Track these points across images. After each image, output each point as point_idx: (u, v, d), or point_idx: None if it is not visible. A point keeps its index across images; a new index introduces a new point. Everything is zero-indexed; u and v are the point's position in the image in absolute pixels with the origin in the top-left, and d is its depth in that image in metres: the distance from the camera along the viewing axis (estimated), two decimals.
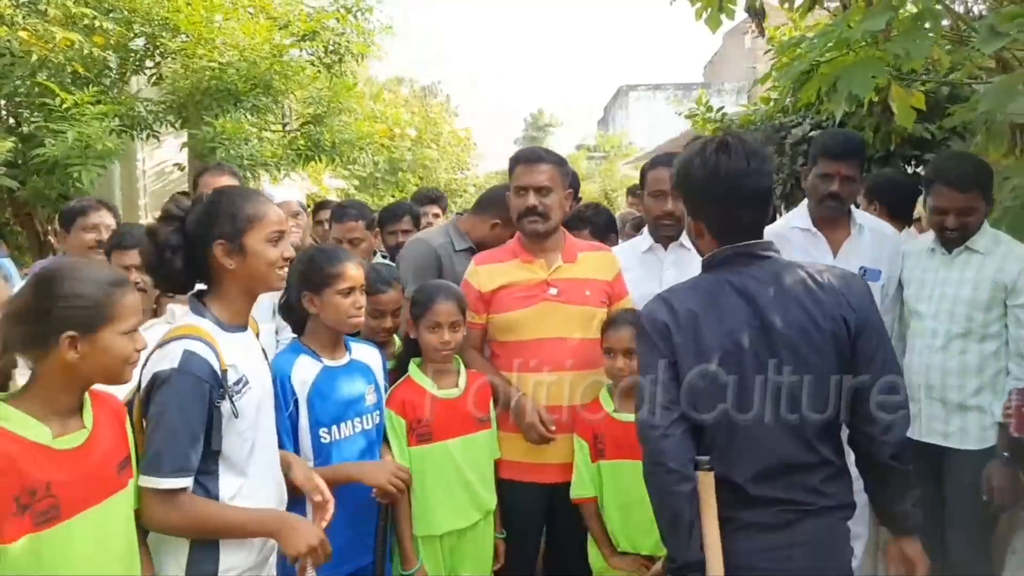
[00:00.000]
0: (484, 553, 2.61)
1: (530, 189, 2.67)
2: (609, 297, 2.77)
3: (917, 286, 2.93)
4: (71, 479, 1.52)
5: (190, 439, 1.73)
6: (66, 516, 1.50)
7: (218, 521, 1.81)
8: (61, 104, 4.39)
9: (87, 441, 1.58)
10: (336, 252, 2.43)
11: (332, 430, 2.27)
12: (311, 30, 5.55)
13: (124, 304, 1.62)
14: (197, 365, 1.74)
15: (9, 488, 1.42)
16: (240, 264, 1.88)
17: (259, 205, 1.92)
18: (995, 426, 2.72)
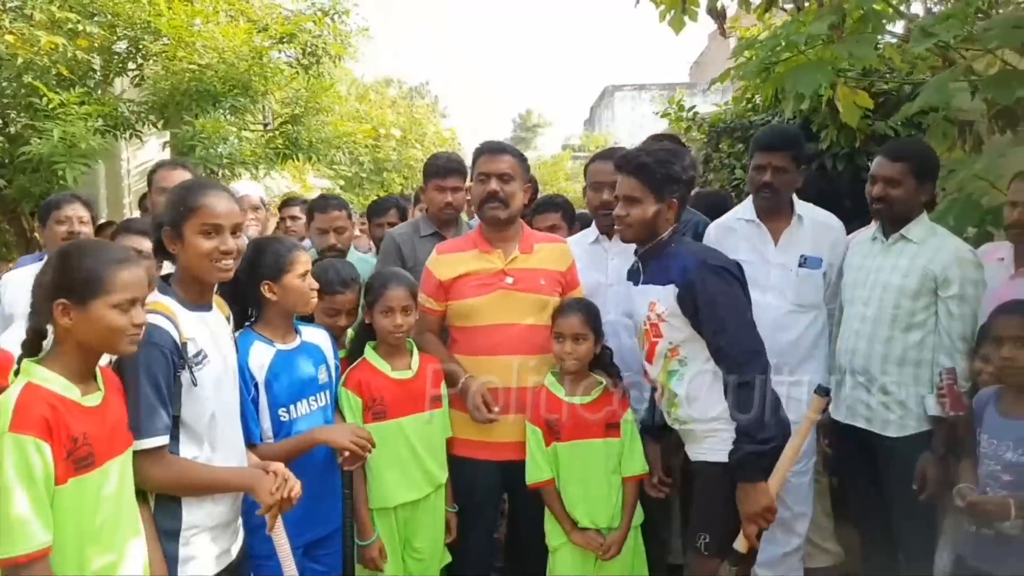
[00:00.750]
0: (436, 525, 2.77)
1: (492, 176, 2.83)
2: (562, 286, 2.93)
3: (855, 272, 3.01)
4: (99, 432, 1.76)
5: (160, 402, 1.91)
6: (99, 463, 1.74)
7: (200, 477, 2.01)
8: (47, 104, 4.52)
9: (103, 401, 1.81)
10: (283, 241, 2.58)
11: (290, 409, 2.43)
12: (289, 33, 5.70)
13: (118, 279, 1.77)
14: (159, 336, 1.92)
15: (59, 435, 1.65)
16: (180, 251, 2.06)
17: (200, 198, 2.05)
18: (917, 415, 2.76)
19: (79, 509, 1.70)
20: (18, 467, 1.59)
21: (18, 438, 1.60)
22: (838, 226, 3.26)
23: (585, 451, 2.73)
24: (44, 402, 1.67)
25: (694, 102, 8.47)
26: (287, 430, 2.42)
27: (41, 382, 1.71)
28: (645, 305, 2.54)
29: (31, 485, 1.60)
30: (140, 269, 1.84)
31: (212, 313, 2.16)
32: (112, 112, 5.21)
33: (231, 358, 2.21)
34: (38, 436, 1.62)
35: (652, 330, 2.53)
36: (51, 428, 1.65)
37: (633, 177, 2.51)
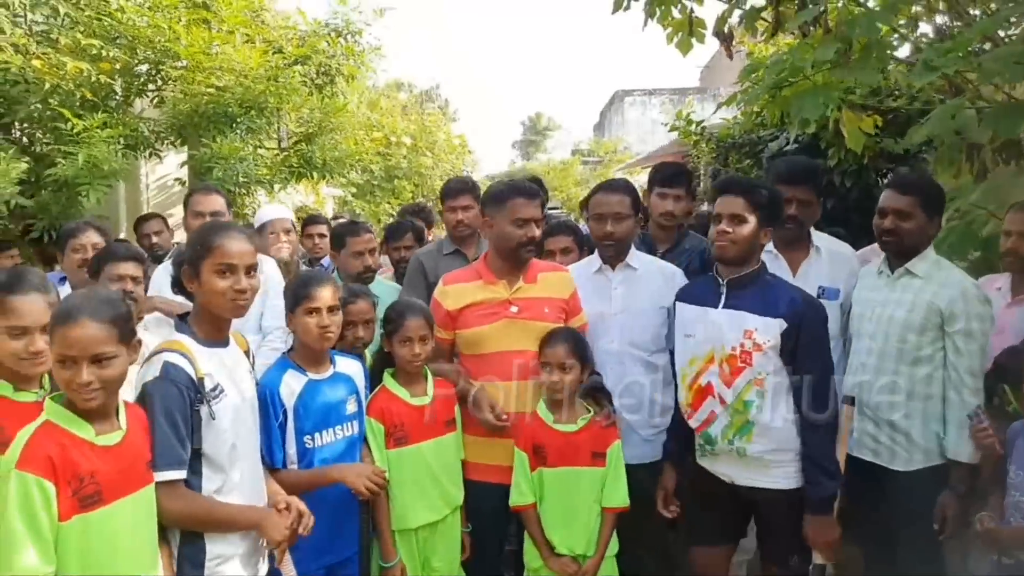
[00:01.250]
0: (453, 545, 2.87)
1: (531, 221, 2.92)
2: (566, 313, 3.01)
3: (862, 306, 2.99)
4: (110, 470, 1.82)
5: (176, 436, 2.00)
6: (107, 501, 1.80)
7: (211, 513, 2.09)
8: (72, 128, 4.65)
9: (122, 440, 1.89)
10: (311, 275, 2.70)
11: (315, 437, 2.54)
12: (304, 55, 5.82)
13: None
14: (175, 373, 2.02)
15: (64, 474, 1.73)
16: (197, 290, 2.16)
17: (216, 238, 2.14)
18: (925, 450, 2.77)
19: (84, 545, 1.76)
20: (20, 502, 1.68)
21: (23, 476, 1.69)
22: (852, 256, 3.28)
23: (569, 478, 2.80)
24: (54, 441, 1.76)
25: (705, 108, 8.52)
26: (311, 457, 2.53)
27: (56, 420, 1.81)
28: (737, 331, 2.59)
29: (31, 520, 1.68)
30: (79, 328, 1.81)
31: (229, 348, 2.25)
32: (132, 132, 5.35)
33: (249, 391, 2.29)
34: (42, 475, 1.70)
35: (743, 357, 2.58)
36: (55, 467, 1.72)
37: (741, 197, 2.60)
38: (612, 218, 3.13)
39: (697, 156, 7.79)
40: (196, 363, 2.07)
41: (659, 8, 4.16)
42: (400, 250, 4.18)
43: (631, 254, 3.23)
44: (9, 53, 4.72)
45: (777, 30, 4.20)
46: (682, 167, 4.18)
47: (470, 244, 3.83)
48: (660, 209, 3.62)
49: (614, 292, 3.19)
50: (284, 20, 6.41)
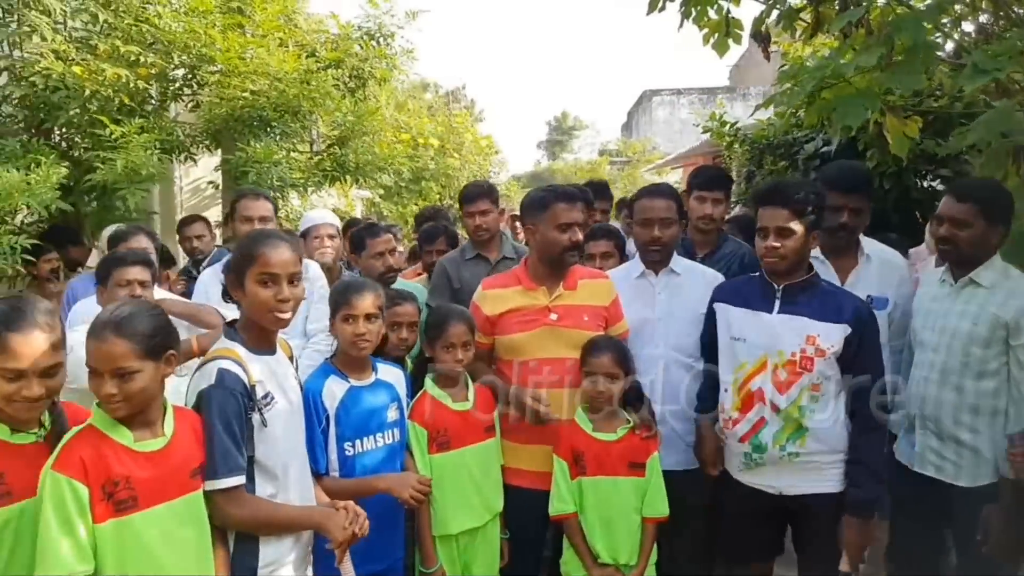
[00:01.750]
0: (493, 552, 2.87)
1: (574, 226, 2.91)
2: (606, 321, 3.00)
3: (923, 316, 2.90)
4: (147, 477, 1.84)
5: (235, 443, 2.01)
6: (143, 506, 1.83)
7: (274, 516, 2.11)
8: (110, 134, 4.71)
9: (165, 447, 1.91)
10: (352, 283, 2.71)
11: (355, 444, 2.55)
12: (337, 59, 5.84)
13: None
14: (230, 380, 2.04)
15: (97, 477, 1.77)
16: (242, 298, 2.17)
17: (259, 248, 2.14)
18: (990, 465, 2.66)
19: (120, 549, 1.79)
20: (54, 502, 1.74)
21: (56, 476, 1.75)
22: (903, 264, 3.21)
23: (607, 488, 2.79)
24: (89, 444, 1.81)
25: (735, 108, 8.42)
26: (351, 464, 2.54)
27: (99, 425, 1.86)
28: (798, 336, 2.59)
29: (64, 519, 1.73)
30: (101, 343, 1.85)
31: (276, 356, 2.26)
32: (168, 136, 5.42)
33: (296, 398, 2.31)
34: (74, 477, 1.75)
35: (804, 363, 2.57)
36: (87, 470, 1.77)
37: (785, 208, 2.58)
38: (659, 223, 3.12)
39: (730, 157, 7.70)
40: (248, 371, 2.08)
41: (695, 9, 4.12)
42: (433, 254, 4.20)
43: (673, 259, 3.21)
44: (50, 60, 4.80)
45: (817, 31, 4.15)
46: (722, 171, 4.14)
47: (491, 248, 3.86)
48: (699, 213, 3.59)
49: (658, 297, 3.18)
50: (317, 24, 6.45)
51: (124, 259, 2.98)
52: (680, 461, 3.05)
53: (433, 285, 3.84)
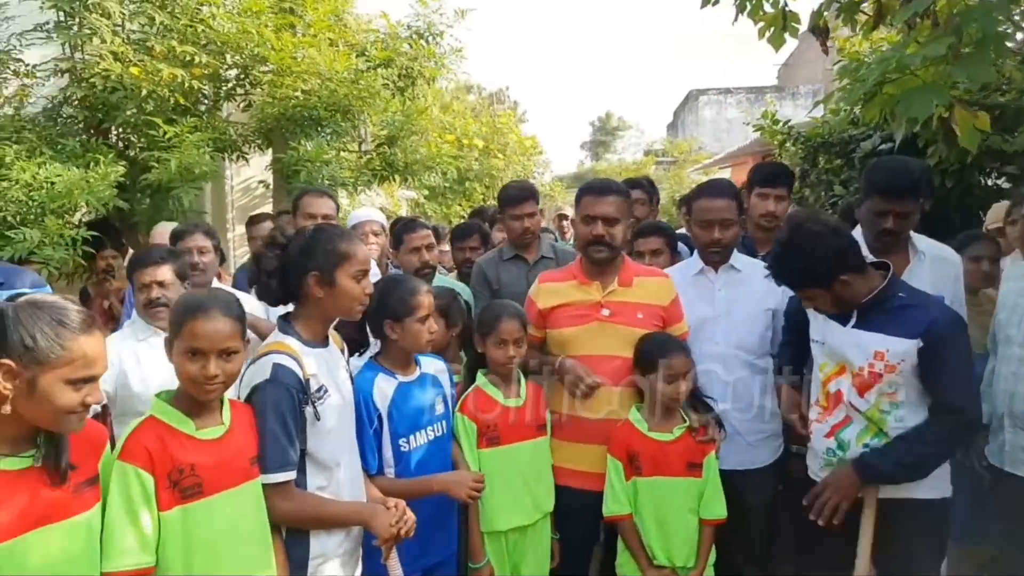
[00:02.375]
0: (543, 552, 2.83)
1: (598, 219, 2.85)
2: (663, 321, 2.93)
3: (1009, 311, 2.84)
4: (211, 464, 1.87)
5: (287, 438, 2.02)
6: (208, 493, 1.86)
7: (321, 511, 2.12)
8: (164, 135, 4.80)
9: (224, 435, 1.94)
10: (411, 282, 2.68)
11: (409, 439, 2.54)
12: (387, 58, 5.87)
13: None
14: (285, 375, 2.05)
15: (163, 465, 1.80)
16: (328, 294, 2.18)
17: (351, 245, 2.21)
18: None
19: (186, 536, 1.83)
20: (120, 491, 1.77)
21: (123, 466, 1.79)
22: (956, 260, 3.09)
23: (664, 489, 2.74)
24: (153, 434, 1.84)
25: (783, 107, 8.25)
26: (405, 460, 2.53)
27: (160, 415, 1.89)
28: (866, 351, 2.49)
29: (130, 509, 1.76)
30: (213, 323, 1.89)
31: (329, 348, 2.28)
32: (221, 135, 5.50)
33: (347, 390, 2.32)
34: (140, 466, 1.79)
35: (871, 377, 2.49)
36: (153, 459, 1.80)
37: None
38: (720, 224, 3.05)
39: (781, 156, 7.53)
40: (303, 364, 2.09)
41: (750, 2, 4.03)
42: (465, 251, 4.20)
43: (734, 255, 3.14)
44: (109, 61, 4.90)
45: (878, 23, 4.02)
46: (784, 166, 4.04)
47: (531, 248, 3.82)
48: (761, 210, 3.50)
49: (717, 294, 3.12)
50: (367, 23, 6.49)
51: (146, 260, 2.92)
52: (742, 461, 3.00)
53: (473, 287, 3.85)
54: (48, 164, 4.56)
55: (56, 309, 1.59)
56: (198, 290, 2.26)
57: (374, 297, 2.44)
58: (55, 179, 4.39)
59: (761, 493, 3.03)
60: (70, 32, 5.01)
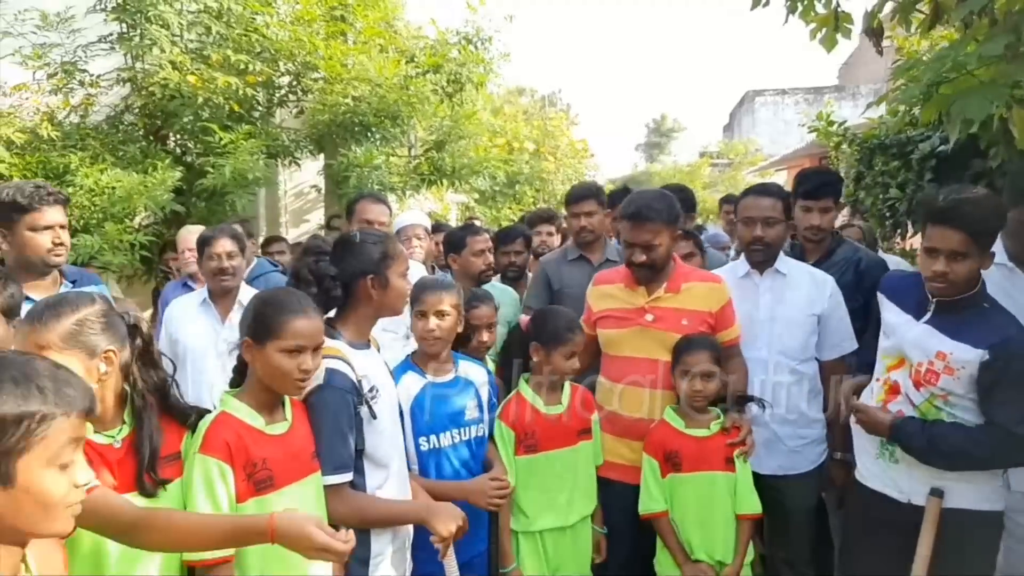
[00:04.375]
0: (583, 551, 2.82)
1: (636, 247, 2.84)
2: (710, 327, 2.89)
3: None
4: (280, 457, 1.95)
5: (343, 441, 2.07)
6: (278, 486, 1.93)
7: (378, 512, 2.18)
8: (220, 141, 4.96)
9: (289, 431, 2.01)
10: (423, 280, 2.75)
11: (431, 439, 2.56)
12: (435, 64, 5.94)
13: (290, 327, 1.93)
14: (339, 379, 2.10)
15: (240, 458, 1.87)
16: (381, 294, 2.24)
17: (396, 245, 2.30)
18: None
19: None
20: (204, 483, 1.83)
21: (204, 459, 1.85)
22: None
23: (706, 483, 2.74)
24: (230, 429, 1.90)
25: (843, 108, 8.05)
26: (426, 458, 2.56)
27: (232, 411, 1.95)
28: (929, 350, 2.40)
29: (213, 500, 1.83)
30: (312, 320, 1.98)
31: (371, 350, 2.34)
32: (274, 141, 5.65)
33: (392, 392, 2.37)
34: (221, 459, 1.85)
35: (928, 376, 2.39)
36: (232, 452, 1.86)
37: (962, 232, 2.29)
38: (762, 222, 3.01)
39: (837, 158, 7.36)
40: (354, 367, 2.15)
41: (801, 3, 3.95)
42: (510, 255, 4.20)
43: (780, 259, 3.09)
44: (168, 70, 5.08)
45: (935, 22, 3.89)
46: (830, 174, 3.89)
47: (595, 249, 3.82)
48: (806, 223, 3.41)
49: (762, 299, 3.07)
50: (416, 30, 6.57)
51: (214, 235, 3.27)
52: (782, 466, 2.96)
53: (532, 287, 3.88)
54: (110, 170, 4.75)
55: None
56: (279, 289, 2.30)
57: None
58: (116, 184, 4.57)
59: (801, 499, 2.98)
60: (132, 43, 5.21)
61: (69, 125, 5.29)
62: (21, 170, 4.66)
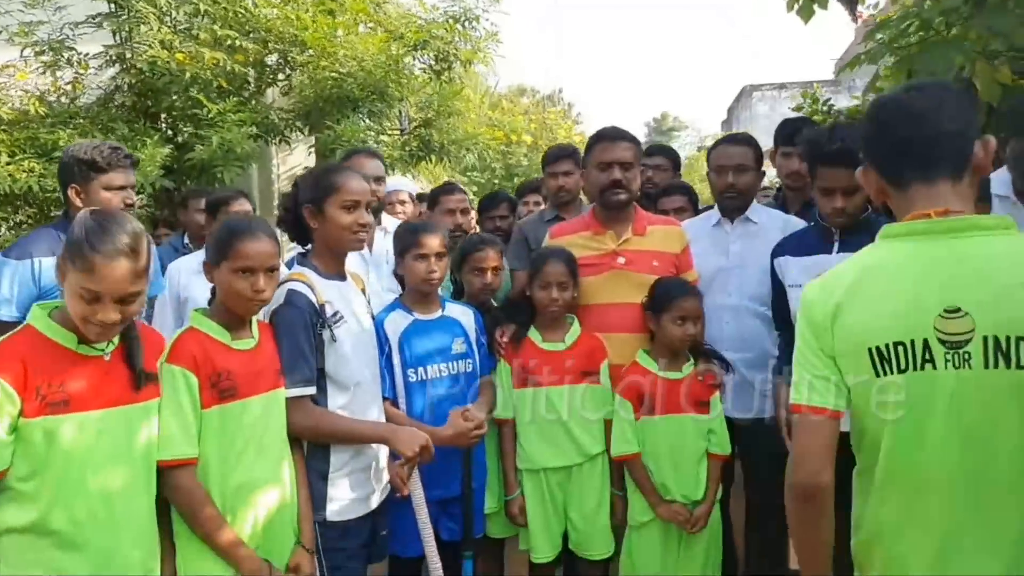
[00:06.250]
0: (594, 496, 2.84)
1: (615, 164, 2.89)
2: (676, 268, 2.96)
3: None
4: (244, 371, 2.07)
5: (303, 357, 2.18)
6: (241, 396, 2.06)
7: (337, 427, 2.28)
8: (208, 113, 5.03)
9: (255, 348, 2.13)
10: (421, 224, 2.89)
11: (419, 371, 2.65)
12: (421, 39, 6.01)
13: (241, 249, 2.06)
14: (298, 299, 2.22)
15: (205, 369, 2.00)
16: (321, 225, 2.33)
17: (340, 177, 2.34)
18: None
19: (221, 432, 2.02)
20: (169, 390, 1.96)
21: (171, 368, 1.98)
22: None
23: (677, 425, 2.80)
24: (197, 342, 2.04)
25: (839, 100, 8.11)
26: (413, 389, 2.66)
27: (199, 326, 2.09)
28: None
29: (178, 406, 1.96)
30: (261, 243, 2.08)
31: (347, 283, 2.44)
32: (264, 120, 5.71)
33: (367, 324, 2.48)
34: (186, 367, 1.98)
35: None
36: (198, 362, 2.00)
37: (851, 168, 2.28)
38: (733, 169, 3.09)
39: None
40: (317, 291, 2.25)
41: None
42: (494, 219, 4.27)
43: (752, 208, 3.14)
44: (157, 49, 5.15)
45: None
46: (806, 121, 3.95)
47: (571, 210, 3.86)
48: (786, 169, 3.47)
49: (732, 246, 3.12)
50: (405, 13, 6.64)
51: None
52: (752, 408, 3.00)
53: (511, 247, 3.87)
54: None
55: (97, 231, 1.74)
56: (238, 216, 2.42)
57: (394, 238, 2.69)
58: None
59: (775, 442, 3.00)
60: (120, 19, 5.26)
61: (59, 105, 5.35)
62: (9, 146, 4.71)
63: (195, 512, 1.96)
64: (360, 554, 2.35)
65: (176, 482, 1.95)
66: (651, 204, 3.88)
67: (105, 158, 2.76)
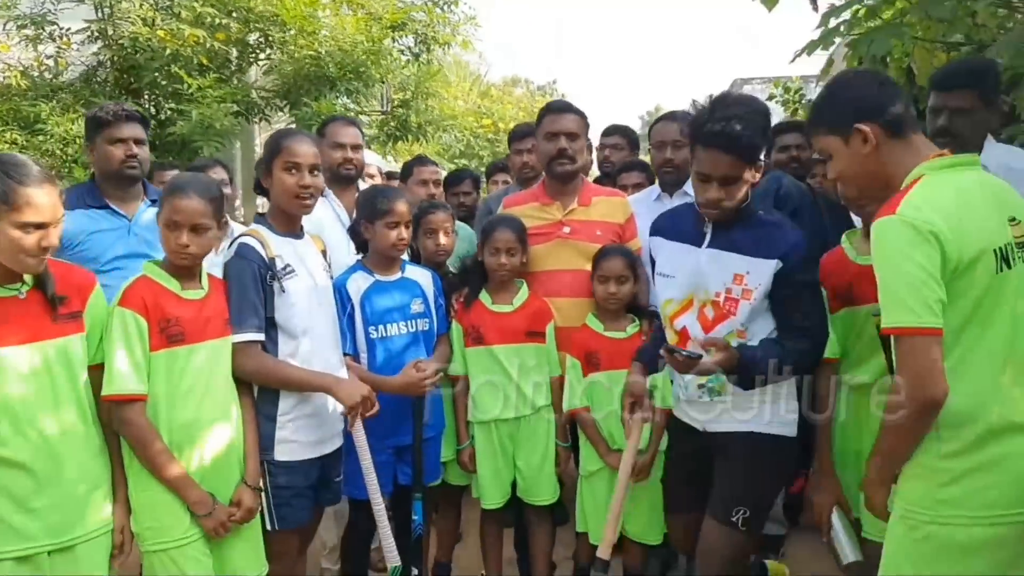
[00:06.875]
0: (540, 445, 3.01)
1: (561, 135, 3.01)
2: (620, 237, 3.08)
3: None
4: (192, 318, 2.20)
5: (250, 305, 2.32)
6: (189, 342, 2.18)
7: (281, 374, 2.41)
8: (188, 88, 5.15)
9: (204, 298, 2.27)
10: (390, 191, 2.94)
11: (379, 328, 2.80)
12: (399, 20, 6.12)
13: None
14: (247, 251, 2.37)
15: (155, 315, 2.13)
16: (271, 185, 2.49)
17: (286, 140, 2.48)
18: None
19: (169, 374, 2.15)
20: (120, 332, 2.09)
21: (123, 311, 2.11)
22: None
23: (621, 380, 2.87)
24: (148, 288, 2.17)
25: None
26: (374, 346, 2.80)
27: (151, 275, 2.21)
28: (725, 274, 2.32)
29: (128, 346, 2.09)
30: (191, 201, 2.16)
31: (302, 241, 2.56)
32: (244, 98, 5.83)
33: (323, 280, 2.59)
34: (137, 311, 2.11)
35: (728, 304, 2.31)
36: (148, 308, 2.13)
37: (731, 154, 2.19)
38: (671, 145, 3.22)
39: None
40: (268, 246, 2.39)
41: None
42: (459, 195, 4.39)
43: (687, 183, 3.27)
44: (138, 25, 5.26)
45: None
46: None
47: (533, 185, 3.96)
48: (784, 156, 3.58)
49: None
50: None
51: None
52: None
53: (477, 221, 3.99)
54: (80, 120, 4.93)
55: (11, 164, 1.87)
56: (185, 173, 2.55)
57: (359, 201, 2.80)
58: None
59: None
60: None
61: (41, 80, 5.45)
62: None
63: (144, 446, 2.09)
64: (306, 494, 2.46)
65: (126, 416, 2.08)
66: (610, 182, 4.01)
67: (106, 112, 2.98)
